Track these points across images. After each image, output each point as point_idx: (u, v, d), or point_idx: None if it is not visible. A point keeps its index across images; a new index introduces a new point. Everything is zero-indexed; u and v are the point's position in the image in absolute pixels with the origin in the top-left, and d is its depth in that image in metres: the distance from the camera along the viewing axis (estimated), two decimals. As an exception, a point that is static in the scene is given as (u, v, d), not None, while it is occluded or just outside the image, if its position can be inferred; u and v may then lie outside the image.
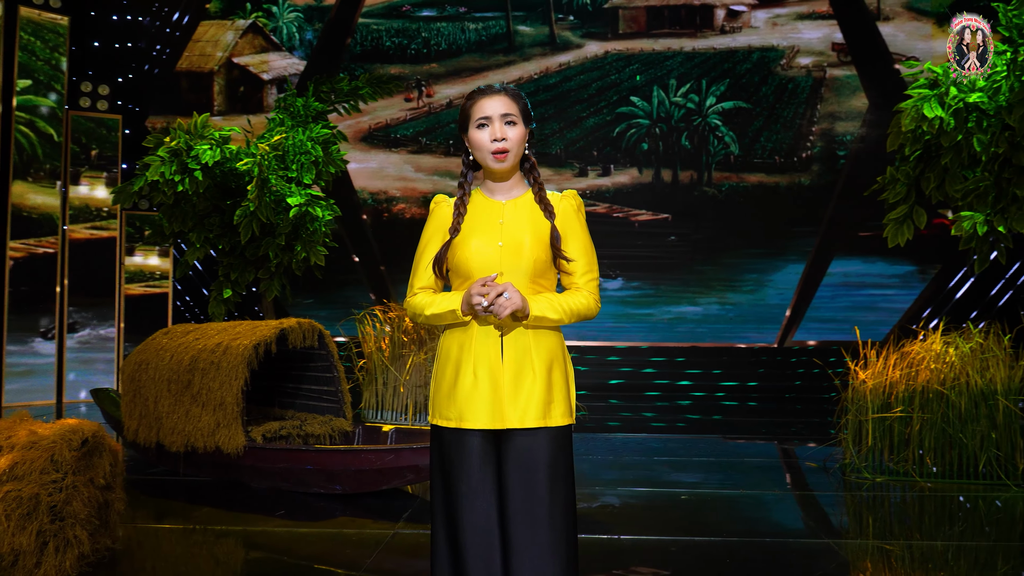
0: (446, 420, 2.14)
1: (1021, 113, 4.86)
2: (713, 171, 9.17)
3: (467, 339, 2.14)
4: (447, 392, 2.15)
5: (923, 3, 8.94)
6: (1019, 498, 4.72)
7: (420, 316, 2.21)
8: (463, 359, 2.13)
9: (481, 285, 2.06)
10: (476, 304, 2.05)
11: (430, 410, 2.23)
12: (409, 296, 2.27)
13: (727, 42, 9.18)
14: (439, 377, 2.20)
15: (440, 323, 2.19)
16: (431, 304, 2.18)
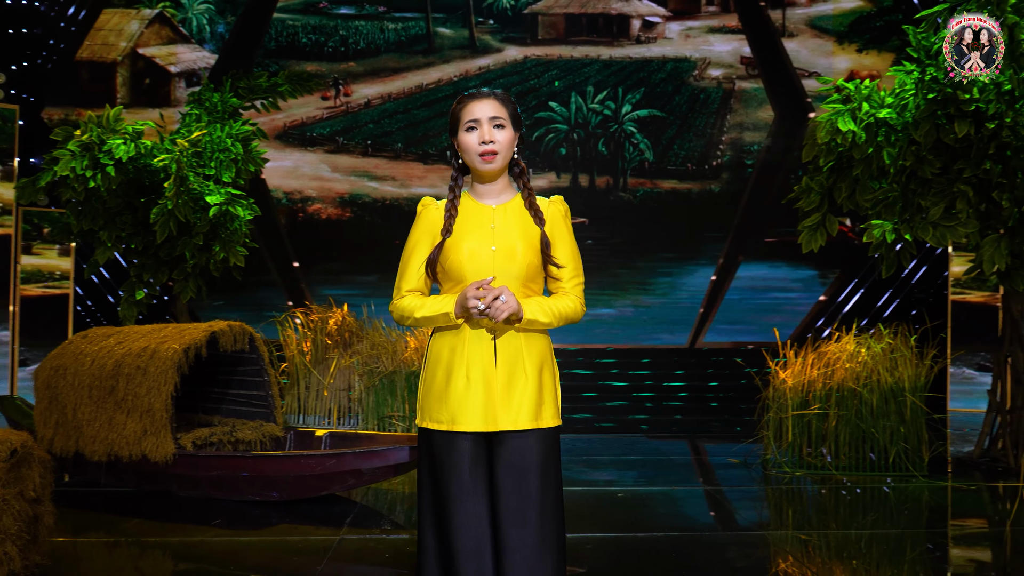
0: (437, 423, 2.15)
1: (926, 129, 5.20)
2: (629, 177, 9.40)
3: (459, 342, 2.16)
4: (438, 395, 2.15)
5: (825, 22, 9.41)
6: (925, 487, 5.05)
7: (409, 318, 2.21)
8: (455, 362, 2.15)
9: (476, 288, 2.08)
10: (472, 307, 2.07)
11: (418, 413, 2.23)
12: (396, 298, 2.26)
13: (643, 52, 9.43)
14: (429, 380, 2.20)
15: (430, 325, 2.20)
16: (421, 307, 2.18)
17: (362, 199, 9.44)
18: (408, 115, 9.49)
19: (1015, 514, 4.49)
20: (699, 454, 6.34)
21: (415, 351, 5.95)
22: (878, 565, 3.68)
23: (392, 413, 5.94)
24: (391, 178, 9.46)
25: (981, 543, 4.14)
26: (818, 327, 9.21)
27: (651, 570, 3.46)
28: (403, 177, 9.46)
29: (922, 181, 5.38)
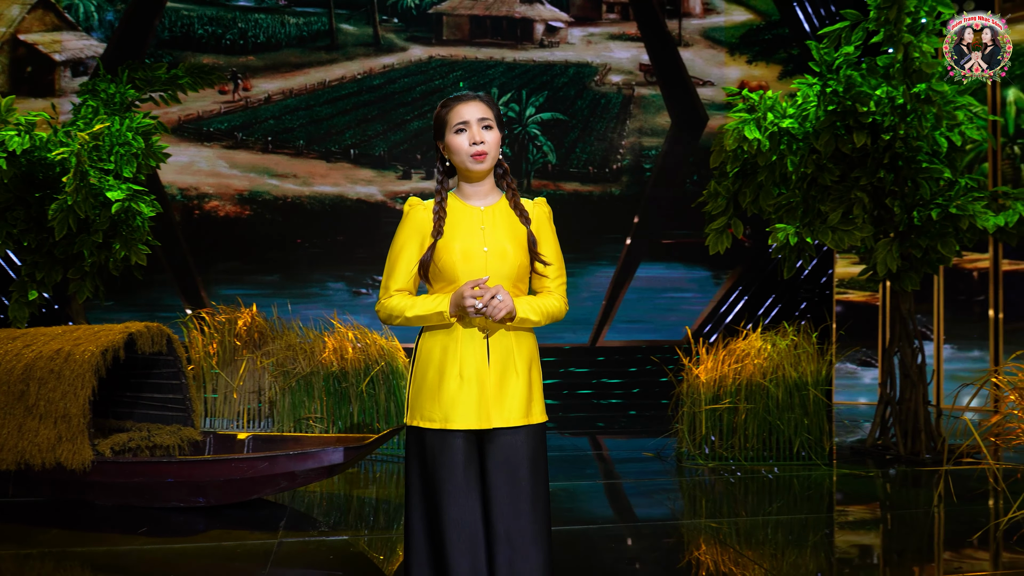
0: (430, 422, 2.17)
1: (827, 139, 5.56)
2: (532, 178, 9.55)
3: (451, 342, 2.19)
4: (431, 394, 2.18)
5: (718, 33, 9.85)
6: (826, 475, 5.39)
7: (399, 318, 2.22)
8: (447, 361, 2.18)
9: (472, 288, 2.12)
10: (470, 306, 2.10)
11: (408, 413, 2.24)
12: (384, 298, 2.26)
13: (546, 56, 9.60)
14: (420, 379, 2.21)
15: (422, 324, 2.22)
16: (412, 306, 2.20)
17: (262, 196, 9.20)
18: (310, 112, 9.32)
19: (912, 497, 4.87)
20: (608, 449, 6.53)
21: (334, 352, 5.87)
22: (783, 550, 3.89)
23: (310, 415, 5.84)
24: (292, 175, 9.26)
25: (877, 525, 4.45)
26: (710, 326, 9.63)
27: (566, 563, 3.53)
28: (305, 175, 9.27)
29: (822, 188, 5.75)
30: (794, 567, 3.59)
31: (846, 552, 3.96)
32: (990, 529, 4.10)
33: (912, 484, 5.20)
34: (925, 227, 5.52)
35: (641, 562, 3.64)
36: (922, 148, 5.50)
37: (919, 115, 5.39)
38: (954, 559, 3.76)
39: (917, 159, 5.51)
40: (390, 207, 9.34)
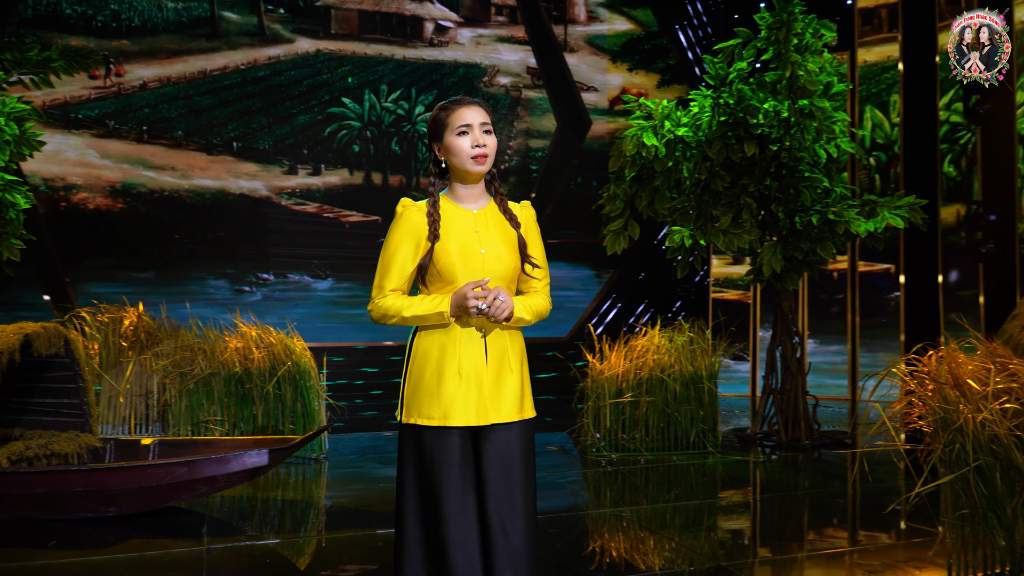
0: (428, 419, 2.21)
1: (719, 147, 5.91)
2: (421, 176, 9.56)
3: (449, 341, 2.24)
4: (429, 392, 2.22)
5: (601, 41, 10.20)
6: (719, 463, 5.74)
7: (395, 317, 2.25)
8: (446, 360, 2.23)
9: (473, 289, 2.18)
10: (473, 307, 2.16)
11: (404, 411, 2.27)
12: (379, 298, 2.28)
13: (435, 55, 9.63)
14: (416, 378, 2.25)
15: (420, 324, 2.25)
16: (409, 306, 2.24)
17: (136, 189, 8.75)
18: (190, 101, 8.94)
19: (794, 479, 5.28)
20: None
21: (236, 351, 5.69)
22: (680, 534, 4.12)
23: (210, 418, 5.65)
24: (170, 168, 8.86)
25: (766, 506, 4.80)
26: (595, 321, 9.97)
27: None
28: (184, 167, 8.89)
29: (714, 193, 6.10)
30: (691, 549, 3.81)
31: (740, 533, 4.26)
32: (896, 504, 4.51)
33: (793, 468, 5.62)
34: (806, 231, 5.97)
35: (550, 551, 3.77)
36: (804, 159, 5.95)
37: (802, 128, 5.83)
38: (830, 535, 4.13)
39: (800, 169, 5.95)
40: (275, 202, 9.11)
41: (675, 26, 10.29)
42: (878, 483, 5.09)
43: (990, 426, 3.11)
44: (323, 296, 9.24)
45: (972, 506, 3.15)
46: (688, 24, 10.35)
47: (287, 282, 9.16)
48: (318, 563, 3.59)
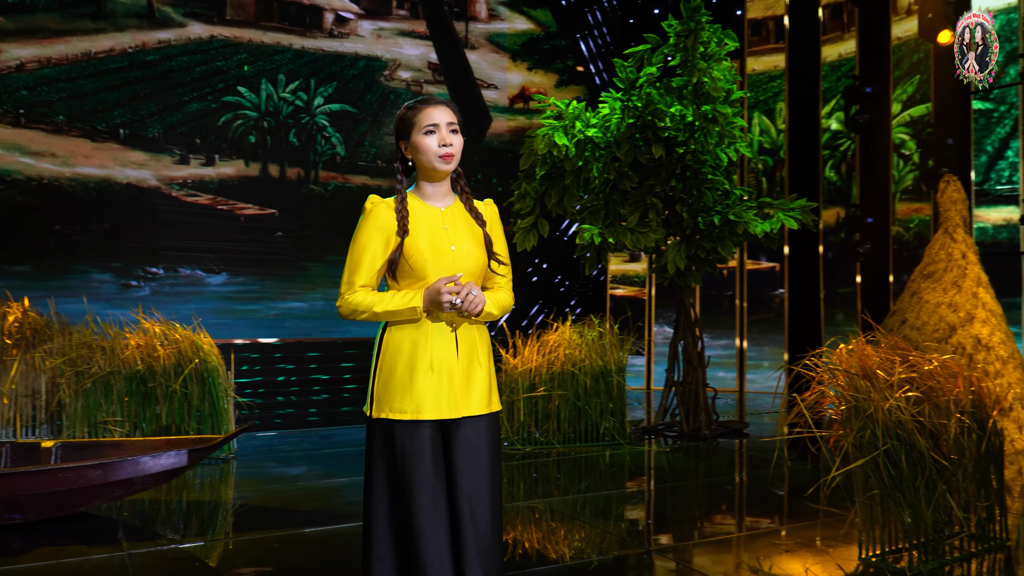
0: (400, 413, 2.23)
1: (627, 148, 6.11)
2: (320, 170, 9.39)
3: (421, 336, 2.26)
4: (401, 387, 2.23)
5: (501, 39, 10.29)
6: (628, 453, 5.94)
7: (366, 312, 2.25)
8: (417, 355, 2.24)
9: (446, 284, 2.20)
10: (447, 302, 2.19)
11: (374, 405, 2.27)
12: (348, 293, 2.27)
13: (335, 46, 9.47)
14: (387, 373, 2.26)
15: (392, 319, 2.26)
16: (380, 302, 2.24)
17: (11, 176, 8.22)
18: (73, 84, 8.46)
19: (696, 467, 5.53)
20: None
21: (138, 349, 5.44)
22: (591, 523, 4.25)
23: (109, 419, 5.38)
24: (50, 154, 8.36)
25: (672, 493, 5.03)
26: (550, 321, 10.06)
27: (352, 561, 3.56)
28: (66, 154, 8.41)
29: (622, 193, 6.30)
30: (602, 536, 3.95)
31: (653, 519, 4.44)
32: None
33: (695, 456, 5.88)
34: (708, 231, 6.25)
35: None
36: (707, 162, 6.22)
37: (705, 133, 6.10)
38: (745, 518, 4.37)
39: (703, 171, 6.22)
40: (165, 193, 8.74)
41: (573, 28, 10.50)
42: (779, 469, 5.40)
43: (896, 413, 3.38)
44: (217, 291, 8.94)
45: (881, 487, 3.41)
46: (585, 27, 10.59)
47: (178, 276, 8.82)
48: (251, 563, 3.51)
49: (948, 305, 5.89)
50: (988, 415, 3.54)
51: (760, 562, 3.50)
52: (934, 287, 6.03)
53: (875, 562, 3.42)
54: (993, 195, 7.04)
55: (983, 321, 5.77)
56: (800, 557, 3.56)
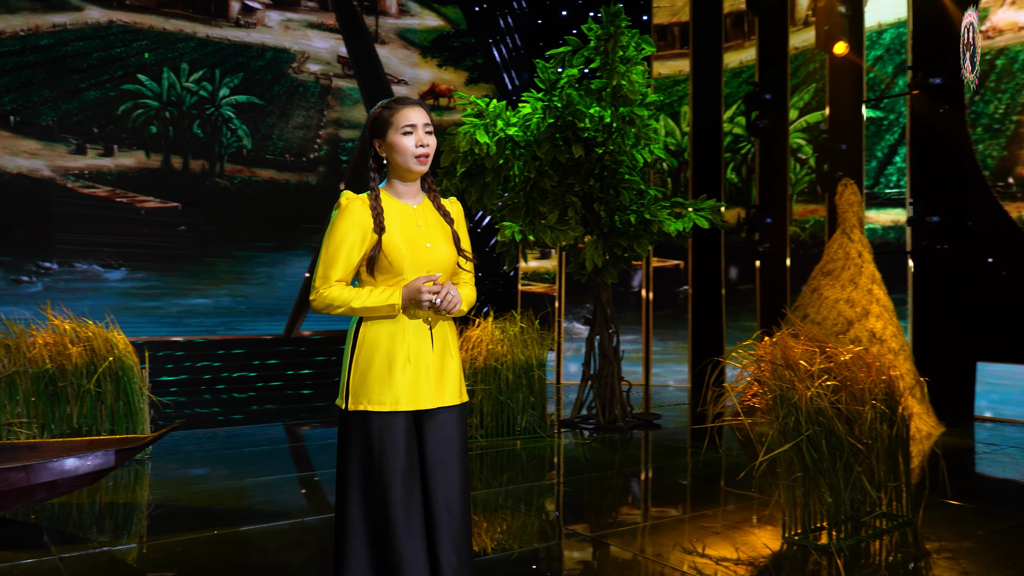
0: (380, 405, 2.26)
1: (547, 148, 6.24)
2: (226, 163, 9.14)
3: (398, 330, 2.29)
4: (379, 380, 2.26)
5: (412, 35, 10.27)
6: (548, 445, 6.08)
7: (342, 307, 2.26)
8: (396, 348, 2.28)
9: (424, 283, 2.24)
10: (426, 300, 2.23)
11: (351, 399, 2.29)
12: (324, 288, 2.28)
13: (242, 36, 9.24)
14: (364, 367, 2.28)
15: (369, 315, 2.28)
16: (358, 298, 2.26)
17: None
18: (-44, 68, 7.95)
19: (612, 457, 5.73)
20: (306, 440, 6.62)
21: (46, 347, 5.19)
22: (512, 514, 4.34)
23: (14, 420, 5.11)
24: (-69, 141, 7.83)
25: (593, 482, 5.20)
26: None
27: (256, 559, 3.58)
28: (-52, 141, 7.90)
29: (541, 191, 6.43)
30: (523, 527, 4.06)
31: (566, 508, 4.59)
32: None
33: (614, 447, 6.08)
34: (624, 229, 6.46)
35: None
36: (624, 162, 6.43)
37: (623, 134, 6.30)
38: (671, 504, 4.58)
39: (620, 171, 6.42)
40: (60, 184, 8.33)
41: (483, 26, 10.59)
42: (697, 456, 5.65)
43: (817, 401, 3.63)
44: (115, 287, 8.59)
45: (804, 470, 3.65)
46: (495, 26, 10.69)
47: (73, 272, 8.42)
48: (190, 564, 3.44)
49: (846, 301, 6.30)
50: (897, 402, 3.83)
51: (693, 544, 3.68)
52: (833, 284, 6.43)
53: (798, 540, 3.66)
54: (882, 198, 7.55)
55: (877, 316, 6.20)
56: (729, 538, 3.76)
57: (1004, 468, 5.30)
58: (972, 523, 3.97)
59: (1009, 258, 6.81)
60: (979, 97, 6.94)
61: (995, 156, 6.88)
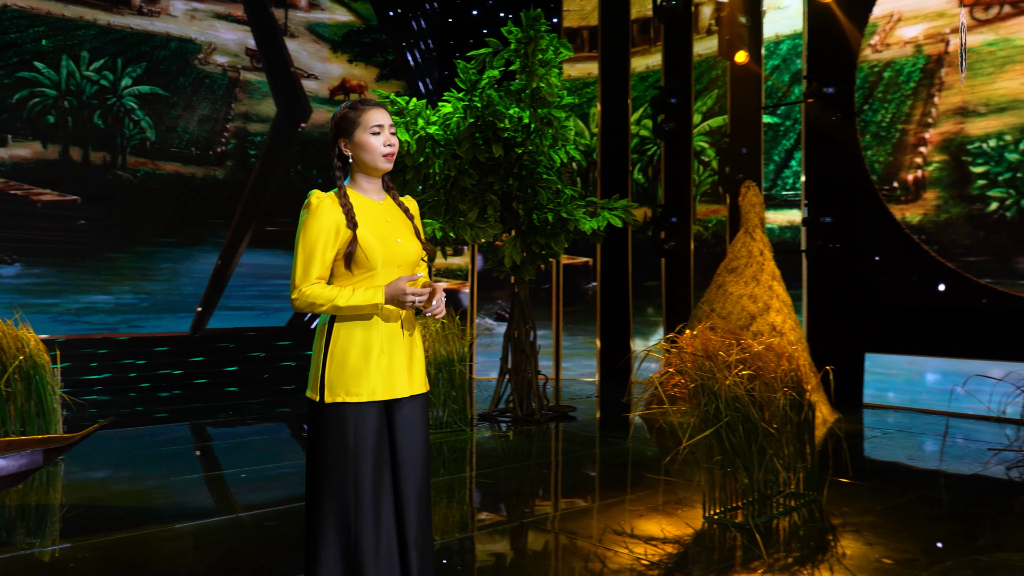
0: (356, 396, 2.34)
1: (467, 147, 6.37)
2: (128, 155, 8.85)
3: (372, 322, 2.38)
4: (357, 371, 2.35)
5: (322, 29, 10.18)
6: (468, 439, 6.21)
7: (325, 305, 2.33)
8: (371, 341, 2.37)
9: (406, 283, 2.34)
10: (410, 301, 2.33)
11: (327, 391, 2.35)
12: (305, 286, 2.33)
13: (145, 24, 8.95)
14: (341, 359, 2.35)
15: (353, 312, 2.35)
16: (341, 296, 2.32)
17: None
18: None
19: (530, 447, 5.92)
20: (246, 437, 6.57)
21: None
22: (435, 507, 4.40)
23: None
24: None
25: (525, 472, 5.37)
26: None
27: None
28: None
29: (462, 189, 6.55)
30: (445, 520, 4.17)
31: (490, 500, 4.75)
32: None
33: (532, 439, 6.26)
34: (542, 227, 6.65)
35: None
36: (542, 162, 6.62)
37: (541, 135, 6.49)
38: (597, 490, 4.80)
39: (538, 171, 6.61)
40: (-52, 175, 7.89)
41: (394, 23, 10.60)
42: (614, 445, 5.90)
43: (734, 389, 3.89)
44: (9, 283, 8.21)
45: (723, 453, 3.91)
46: (406, 23, 10.72)
47: (-38, 267, 8.00)
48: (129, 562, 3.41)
49: (749, 296, 6.68)
50: (805, 390, 4.15)
51: (622, 525, 3.89)
52: (737, 280, 6.80)
53: (717, 519, 3.92)
54: (779, 200, 8.02)
55: (777, 310, 6.60)
56: (654, 519, 3.99)
57: (893, 450, 5.76)
58: (870, 499, 4.33)
59: (893, 257, 7.36)
60: (867, 106, 7.47)
61: (882, 161, 7.42)
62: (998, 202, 6.81)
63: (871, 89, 7.45)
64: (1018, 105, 6.65)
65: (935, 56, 7.07)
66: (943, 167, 7.09)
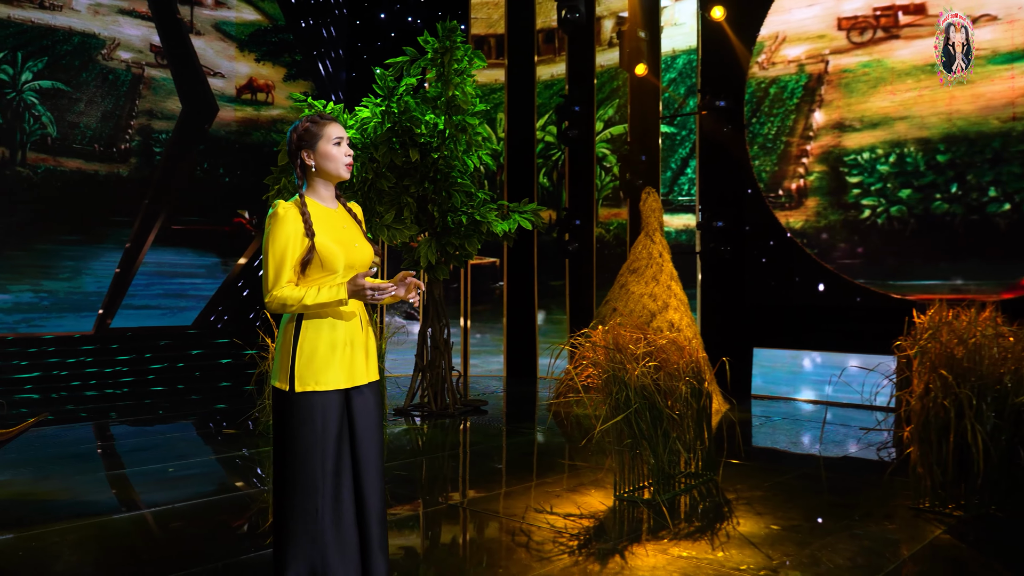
0: (325, 385, 2.58)
1: (384, 151, 6.61)
2: (28, 151, 8.64)
3: (338, 321, 2.63)
4: (325, 361, 2.58)
5: (228, 27, 10.15)
6: (386, 433, 6.44)
7: (295, 305, 2.55)
8: (336, 333, 2.62)
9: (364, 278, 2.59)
10: (369, 295, 2.58)
11: (298, 382, 2.57)
12: (277, 289, 2.54)
13: (46, 18, 8.75)
14: (310, 351, 2.58)
15: (319, 309, 2.59)
16: (309, 295, 2.55)
17: None
18: None
19: (443, 439, 6.21)
20: (180, 433, 6.62)
21: None
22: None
23: None
24: None
25: (442, 462, 5.66)
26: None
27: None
28: None
29: (379, 192, 6.77)
30: None
31: (406, 486, 5.05)
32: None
33: (447, 431, 6.55)
34: (456, 229, 6.94)
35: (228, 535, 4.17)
36: (456, 166, 6.91)
37: (455, 140, 6.78)
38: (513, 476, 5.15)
39: (452, 175, 6.89)
40: None
41: (301, 23, 10.67)
42: (526, 435, 6.24)
43: (642, 379, 4.30)
44: (-102, 282, 7.90)
45: (632, 437, 4.31)
46: (314, 26, 10.79)
47: None
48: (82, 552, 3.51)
49: (649, 295, 7.16)
50: (704, 380, 4.60)
51: (541, 504, 4.24)
52: (638, 280, 7.27)
53: (627, 497, 4.31)
54: (676, 204, 8.56)
55: (675, 308, 7.10)
56: (570, 499, 4.35)
57: (778, 435, 6.34)
58: (760, 477, 4.83)
59: (778, 259, 8.01)
60: (755, 119, 8.10)
61: (768, 171, 8.06)
62: (870, 209, 7.53)
63: (758, 103, 8.08)
64: (888, 121, 7.38)
65: (815, 75, 7.75)
66: (823, 177, 7.77)
